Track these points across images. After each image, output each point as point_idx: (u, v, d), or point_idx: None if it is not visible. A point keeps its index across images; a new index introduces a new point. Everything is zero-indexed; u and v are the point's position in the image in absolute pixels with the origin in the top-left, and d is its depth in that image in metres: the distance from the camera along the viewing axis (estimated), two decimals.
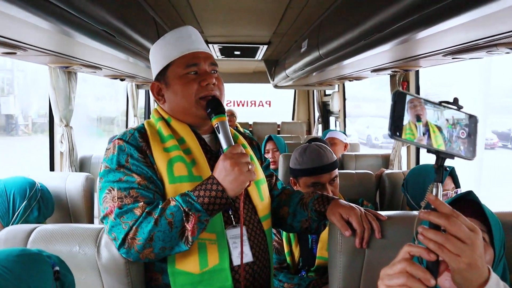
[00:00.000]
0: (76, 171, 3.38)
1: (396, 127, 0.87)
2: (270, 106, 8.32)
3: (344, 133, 4.50)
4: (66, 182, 2.50)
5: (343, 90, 5.77)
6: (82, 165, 3.58)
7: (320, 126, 6.97)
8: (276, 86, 5.77)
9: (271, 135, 3.99)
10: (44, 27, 1.49)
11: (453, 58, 2.19)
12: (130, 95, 5.53)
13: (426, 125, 0.89)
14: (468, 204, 1.16)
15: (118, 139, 1.42)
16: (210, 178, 1.33)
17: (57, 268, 1.04)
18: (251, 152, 1.62)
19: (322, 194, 1.58)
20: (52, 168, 3.42)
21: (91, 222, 2.57)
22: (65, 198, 2.49)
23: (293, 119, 8.26)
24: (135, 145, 1.40)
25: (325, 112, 6.85)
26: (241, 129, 4.98)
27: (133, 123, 5.63)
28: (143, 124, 1.52)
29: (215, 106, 1.44)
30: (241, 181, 1.31)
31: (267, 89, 7.61)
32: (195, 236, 1.31)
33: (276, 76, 5.00)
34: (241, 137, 1.65)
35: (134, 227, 1.29)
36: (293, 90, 7.92)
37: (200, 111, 1.47)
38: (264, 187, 1.60)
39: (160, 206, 1.31)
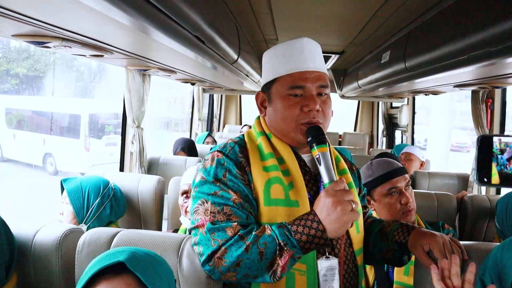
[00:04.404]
0: (145, 172, 3.44)
1: (482, 173, 0.80)
2: (332, 115, 8.11)
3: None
4: (139, 184, 2.53)
5: (413, 103, 5.52)
6: (150, 167, 3.64)
7: (384, 139, 6.73)
8: (343, 97, 5.61)
9: (336, 147, 3.86)
10: (136, 31, 1.49)
11: None
12: (196, 98, 5.58)
13: None
14: None
15: (217, 151, 1.37)
16: (311, 214, 1.24)
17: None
18: (350, 179, 1.50)
19: (402, 224, 1.47)
20: (122, 169, 3.50)
21: (160, 224, 2.59)
22: (136, 200, 2.53)
23: (355, 130, 8.06)
24: (234, 160, 1.35)
25: (391, 125, 6.60)
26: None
27: (197, 127, 5.70)
28: (243, 136, 1.47)
29: (316, 135, 1.34)
30: (344, 222, 1.21)
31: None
32: (284, 273, 1.23)
33: (345, 86, 4.85)
34: (342, 161, 1.54)
35: (223, 248, 1.24)
36: (355, 100, 7.71)
37: (299, 137, 1.39)
38: (361, 219, 1.50)
39: (254, 233, 1.25)
